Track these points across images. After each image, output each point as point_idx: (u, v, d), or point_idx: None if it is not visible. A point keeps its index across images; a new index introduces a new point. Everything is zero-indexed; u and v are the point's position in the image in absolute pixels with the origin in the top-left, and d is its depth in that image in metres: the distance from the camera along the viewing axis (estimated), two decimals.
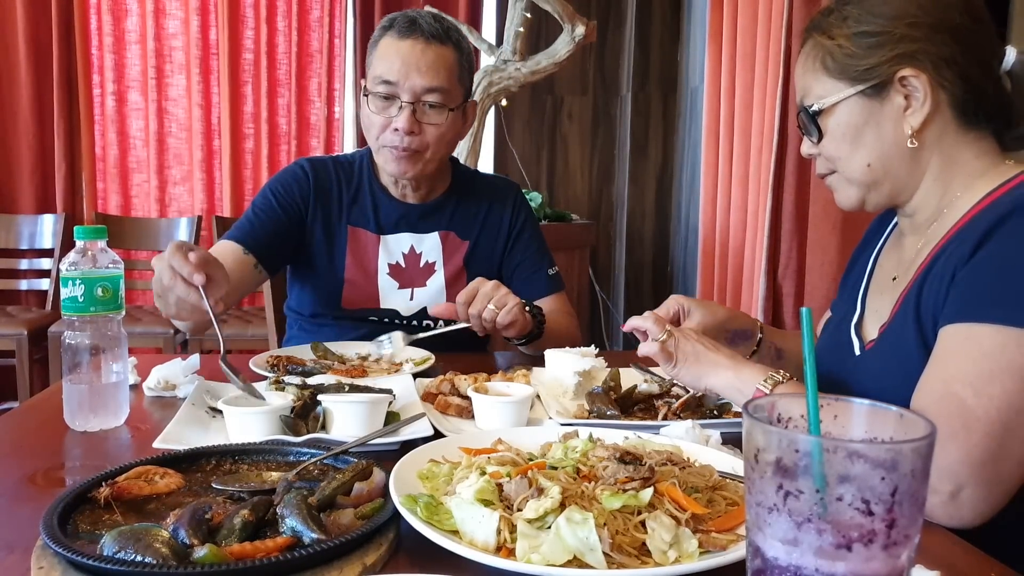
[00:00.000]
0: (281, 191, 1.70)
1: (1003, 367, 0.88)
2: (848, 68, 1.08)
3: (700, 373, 1.14)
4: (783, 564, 0.51)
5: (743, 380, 1.10)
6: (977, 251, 0.96)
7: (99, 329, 1.13)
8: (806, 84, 1.14)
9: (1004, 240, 0.94)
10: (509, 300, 1.46)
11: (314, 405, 1.07)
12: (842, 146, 1.11)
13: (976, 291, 0.94)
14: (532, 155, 4.46)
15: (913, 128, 1.06)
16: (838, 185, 1.16)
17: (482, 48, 3.47)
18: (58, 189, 3.88)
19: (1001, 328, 0.90)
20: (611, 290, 4.58)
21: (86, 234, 1.12)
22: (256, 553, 0.69)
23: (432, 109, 1.60)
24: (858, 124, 1.09)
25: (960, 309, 0.94)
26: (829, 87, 1.10)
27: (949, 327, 0.95)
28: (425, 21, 1.59)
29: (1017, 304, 0.90)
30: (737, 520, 0.75)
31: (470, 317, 1.47)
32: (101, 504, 0.79)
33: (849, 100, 1.08)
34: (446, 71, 1.59)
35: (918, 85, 1.05)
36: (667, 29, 4.39)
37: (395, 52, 1.58)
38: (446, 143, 1.66)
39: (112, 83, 3.94)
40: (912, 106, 1.06)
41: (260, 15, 3.99)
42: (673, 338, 1.15)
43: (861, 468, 0.49)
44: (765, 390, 1.07)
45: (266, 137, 4.04)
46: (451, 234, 1.76)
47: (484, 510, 0.73)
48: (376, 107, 1.60)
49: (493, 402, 1.12)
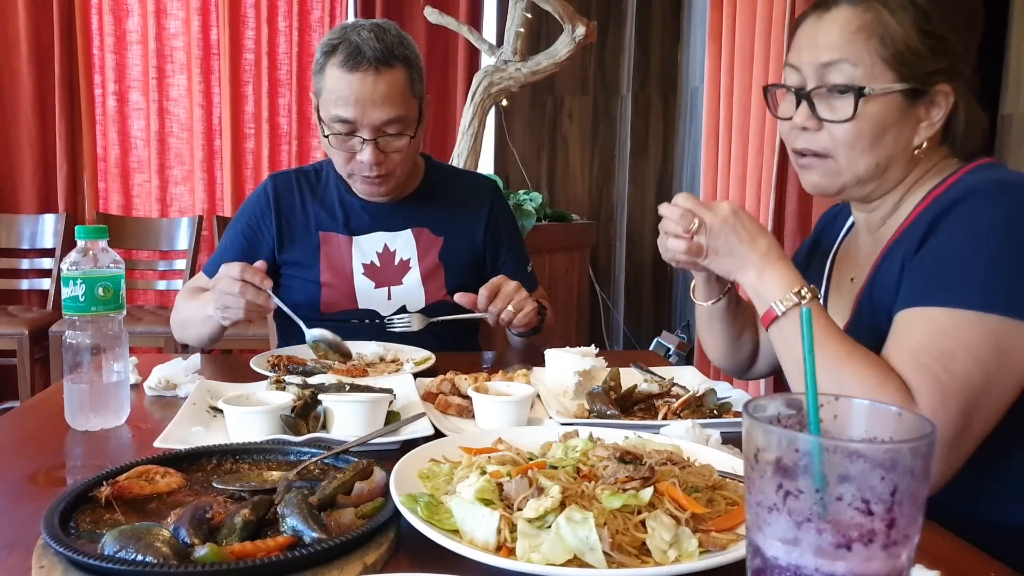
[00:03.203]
0: (245, 221, 1.78)
1: (960, 347, 0.93)
2: (906, 61, 1.02)
3: (729, 269, 1.09)
4: (783, 564, 0.51)
5: (764, 288, 1.05)
6: (923, 243, 1.00)
7: (100, 329, 1.13)
8: (854, 53, 1.03)
9: (948, 228, 0.99)
10: (527, 305, 1.55)
11: (315, 405, 1.07)
12: (864, 138, 1.05)
13: (926, 278, 0.98)
14: (532, 155, 4.46)
15: (923, 140, 1.07)
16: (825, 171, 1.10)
17: (482, 48, 3.47)
18: (59, 189, 3.89)
19: (952, 311, 0.95)
20: (611, 290, 4.58)
21: (87, 234, 1.12)
22: (257, 552, 0.69)
23: (394, 137, 1.60)
24: (888, 123, 1.05)
25: (912, 296, 0.99)
26: (879, 72, 1.03)
27: (902, 312, 0.99)
28: (369, 47, 1.53)
29: (964, 287, 0.94)
30: (737, 520, 0.75)
31: (489, 312, 1.54)
32: (102, 503, 0.79)
33: (894, 95, 1.03)
34: (399, 97, 1.57)
35: (944, 103, 1.05)
36: (667, 29, 4.39)
37: (347, 88, 1.54)
38: (413, 156, 1.68)
39: (113, 83, 3.94)
40: (928, 120, 1.06)
41: (261, 15, 4.00)
42: (704, 229, 1.07)
43: (861, 468, 0.49)
44: (778, 311, 1.02)
45: (267, 137, 4.05)
46: (424, 230, 1.77)
47: (484, 509, 0.73)
48: (337, 143, 1.60)
49: (493, 402, 1.12)
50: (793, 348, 1.03)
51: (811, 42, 1.07)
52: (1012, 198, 0.98)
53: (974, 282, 0.94)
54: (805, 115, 1.07)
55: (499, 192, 1.88)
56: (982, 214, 0.97)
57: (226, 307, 1.46)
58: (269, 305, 1.45)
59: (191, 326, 1.68)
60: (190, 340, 1.73)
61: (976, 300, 0.94)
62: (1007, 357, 0.93)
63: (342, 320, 1.71)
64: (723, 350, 1.38)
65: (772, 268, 1.05)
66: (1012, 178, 1.01)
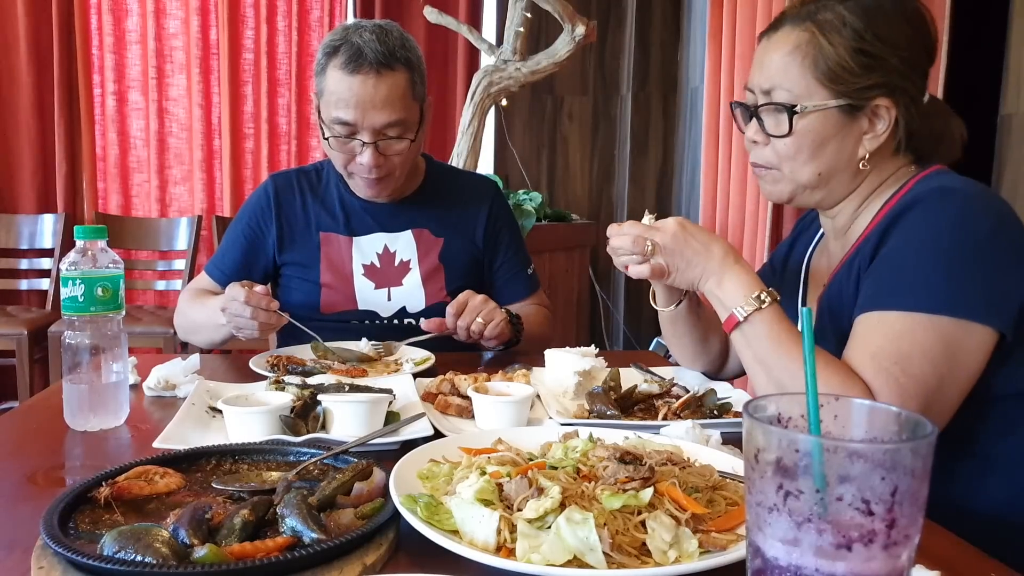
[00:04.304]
0: (245, 222, 1.78)
1: (916, 350, 0.99)
2: (839, 79, 1.09)
3: (692, 280, 1.14)
4: (783, 564, 0.51)
5: (724, 295, 1.10)
6: (877, 251, 1.08)
7: (99, 329, 1.13)
8: (786, 74, 1.11)
9: (897, 236, 1.06)
10: (496, 315, 1.54)
11: (314, 405, 1.07)
12: (803, 151, 1.13)
13: (880, 284, 1.05)
14: (532, 155, 4.46)
15: (867, 152, 1.13)
16: (773, 180, 1.18)
17: (482, 48, 3.47)
18: (58, 189, 3.89)
19: (906, 314, 1.01)
20: (611, 290, 4.58)
21: (86, 234, 1.12)
22: (256, 553, 0.69)
23: (394, 140, 1.59)
24: (826, 136, 1.12)
25: (868, 300, 1.05)
26: (814, 90, 1.10)
27: (861, 316, 1.05)
28: (370, 49, 1.52)
29: (913, 291, 1.01)
30: (737, 520, 0.75)
31: (458, 329, 1.54)
32: (101, 504, 0.79)
33: (829, 110, 1.11)
34: (400, 100, 1.56)
35: (886, 116, 1.11)
36: (667, 29, 4.39)
37: (347, 90, 1.54)
38: (413, 158, 1.68)
39: (112, 83, 3.94)
40: (873, 132, 1.12)
41: (260, 15, 4.00)
42: (657, 249, 1.13)
43: (861, 468, 0.49)
44: (740, 316, 1.08)
45: (266, 137, 4.05)
46: (424, 231, 1.76)
47: (484, 510, 0.73)
48: (337, 145, 1.60)
49: (493, 402, 1.12)
50: (757, 351, 1.08)
51: (759, 64, 1.16)
52: (952, 205, 1.04)
53: (922, 286, 1.01)
54: (755, 130, 1.17)
55: (499, 193, 1.88)
56: (925, 222, 1.05)
57: (240, 328, 1.51)
58: (281, 322, 1.51)
59: (202, 331, 1.69)
60: (200, 343, 1.74)
61: (924, 303, 1.00)
62: (958, 357, 1.00)
63: (342, 321, 1.71)
64: (692, 353, 1.42)
65: (730, 274, 1.11)
66: (955, 185, 1.08)
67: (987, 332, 1.00)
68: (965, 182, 1.10)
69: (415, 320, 1.72)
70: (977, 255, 1.01)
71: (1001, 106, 2.23)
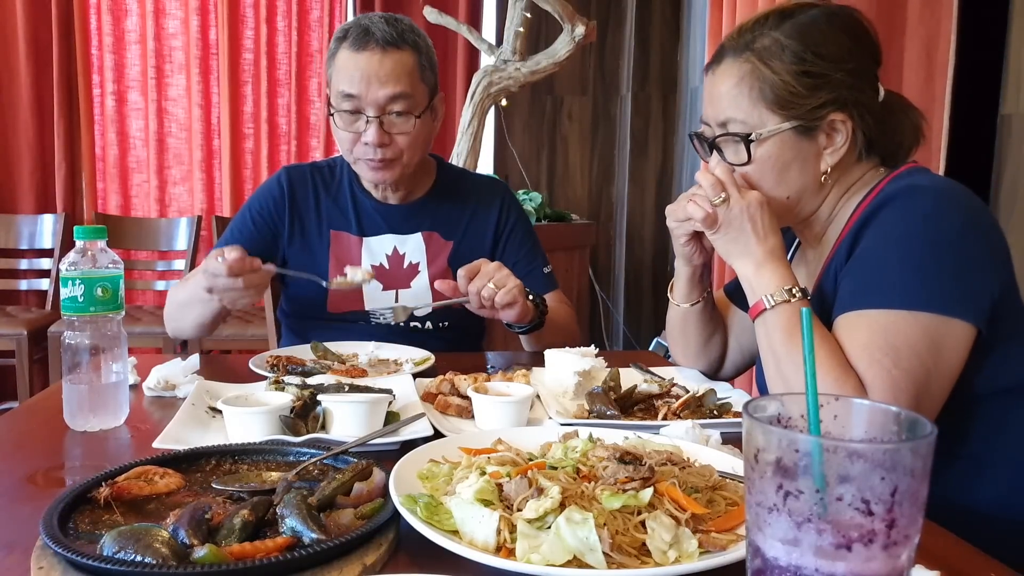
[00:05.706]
0: (256, 208, 1.75)
1: (903, 343, 1.00)
2: (787, 104, 1.10)
3: (730, 252, 1.16)
4: (783, 564, 0.51)
5: (759, 281, 1.12)
6: (852, 253, 1.09)
7: (99, 329, 1.13)
8: (737, 106, 1.13)
9: (870, 236, 1.08)
10: (509, 281, 1.45)
11: (314, 405, 1.07)
12: (767, 176, 1.14)
13: (856, 284, 1.07)
14: (532, 155, 4.46)
15: (829, 166, 1.14)
16: None
17: (482, 48, 3.47)
18: (58, 189, 3.89)
19: (885, 311, 1.02)
20: (611, 290, 4.58)
21: (86, 234, 1.12)
22: (256, 553, 0.69)
23: (399, 117, 1.59)
24: (787, 159, 1.13)
25: (846, 301, 1.07)
26: (765, 117, 1.12)
27: (841, 316, 1.07)
28: (379, 28, 1.56)
29: (889, 290, 1.03)
30: (737, 520, 0.75)
31: (469, 293, 1.45)
32: (101, 504, 0.79)
33: (784, 134, 1.12)
34: (407, 76, 1.57)
35: (842, 129, 1.12)
36: (667, 29, 4.39)
37: (353, 65, 1.56)
38: (420, 146, 1.66)
39: (112, 83, 3.94)
40: (832, 146, 1.13)
41: (260, 15, 3.99)
42: (727, 204, 1.14)
43: (861, 468, 0.49)
44: (767, 304, 1.10)
45: (266, 137, 4.05)
46: (435, 234, 1.75)
47: (484, 510, 0.73)
48: (343, 123, 1.60)
49: (493, 402, 1.12)
50: (772, 341, 1.10)
51: (709, 98, 1.18)
52: (922, 202, 1.05)
53: (898, 284, 1.03)
54: (715, 161, 1.18)
55: (509, 194, 1.86)
56: (896, 220, 1.06)
57: (234, 300, 1.46)
58: (270, 273, 1.44)
59: (193, 305, 1.59)
60: (189, 327, 1.65)
61: (901, 300, 1.02)
62: (942, 352, 1.01)
63: (349, 321, 1.71)
64: (695, 352, 1.43)
65: (771, 265, 1.12)
66: (925, 182, 1.09)
67: (965, 327, 1.02)
68: (935, 179, 1.11)
69: (421, 324, 1.71)
70: (949, 251, 1.03)
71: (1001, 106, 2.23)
